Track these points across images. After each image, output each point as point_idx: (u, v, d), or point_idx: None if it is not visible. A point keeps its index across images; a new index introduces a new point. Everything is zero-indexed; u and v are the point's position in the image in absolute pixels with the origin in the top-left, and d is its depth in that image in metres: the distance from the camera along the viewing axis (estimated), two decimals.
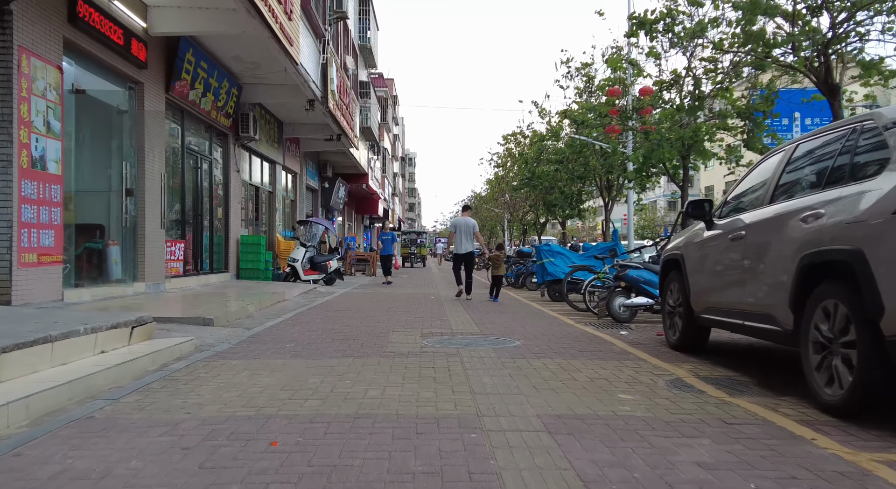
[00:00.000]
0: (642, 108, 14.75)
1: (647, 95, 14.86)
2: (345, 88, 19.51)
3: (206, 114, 13.35)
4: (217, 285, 13.50)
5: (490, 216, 45.70)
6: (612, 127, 17.98)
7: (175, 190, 12.51)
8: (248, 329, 7.38)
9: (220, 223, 15.14)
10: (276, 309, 9.85)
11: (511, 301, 12.69)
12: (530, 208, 29.79)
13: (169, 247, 11.87)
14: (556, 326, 8.18)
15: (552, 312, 10.16)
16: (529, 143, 23.58)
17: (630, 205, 18.33)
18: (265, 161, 18.69)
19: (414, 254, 38.77)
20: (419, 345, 6.29)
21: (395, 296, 13.56)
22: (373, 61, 31.83)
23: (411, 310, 10.29)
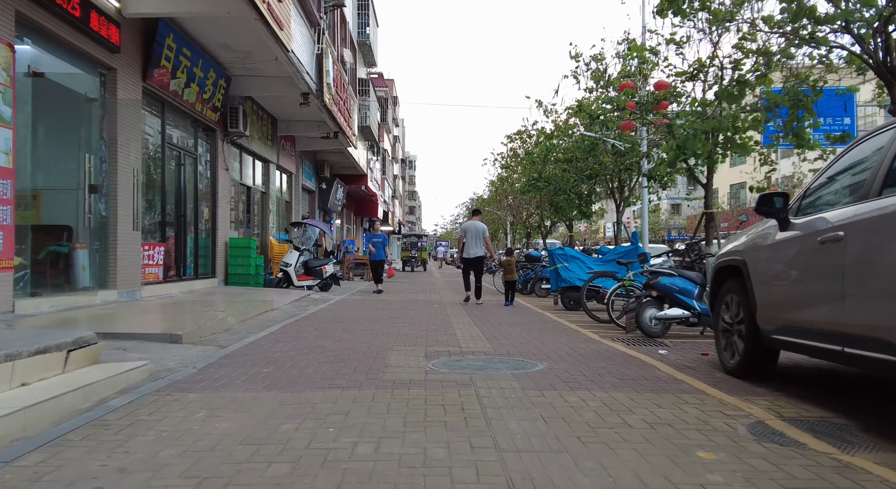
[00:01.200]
0: (658, 102, 13.73)
1: (663, 90, 13.84)
2: (342, 83, 18.46)
3: (190, 106, 12.29)
4: (201, 292, 12.42)
5: (493, 219, 44.62)
6: (626, 122, 16.95)
7: (154, 188, 11.44)
8: (222, 347, 6.30)
9: (207, 225, 14.07)
10: (262, 320, 8.76)
11: (522, 310, 11.61)
12: (535, 210, 28.74)
13: (146, 250, 10.79)
14: (580, 342, 7.09)
15: (571, 324, 9.07)
16: (535, 143, 22.52)
17: (644, 206, 17.25)
18: (258, 159, 17.63)
19: (414, 258, 37.63)
20: (423, 370, 5.21)
21: (396, 303, 12.48)
22: (372, 59, 30.81)
23: (413, 320, 9.21)
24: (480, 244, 12.58)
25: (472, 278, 12.86)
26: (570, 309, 11.51)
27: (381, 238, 16.57)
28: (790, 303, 4.38)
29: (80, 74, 8.99)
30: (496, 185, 32.20)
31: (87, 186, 8.63)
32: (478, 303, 12.53)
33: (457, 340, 7.09)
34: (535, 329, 8.40)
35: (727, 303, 5.28)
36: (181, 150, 12.47)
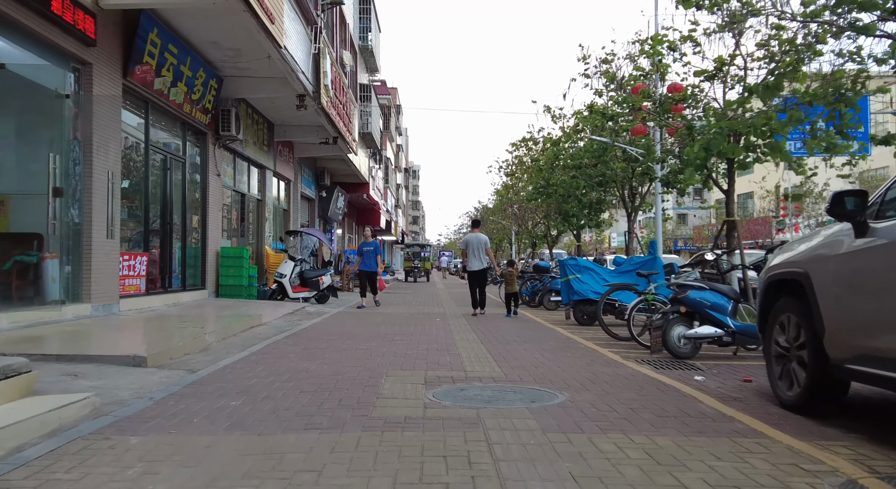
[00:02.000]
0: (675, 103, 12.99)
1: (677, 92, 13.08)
2: (341, 86, 17.74)
3: (177, 107, 11.54)
4: (187, 305, 11.62)
5: (497, 228, 43.79)
6: (638, 127, 16.18)
7: (137, 194, 10.67)
8: (191, 371, 5.49)
9: (196, 233, 13.29)
10: (245, 337, 7.95)
11: (531, 324, 10.77)
12: (542, 219, 27.89)
13: (126, 260, 10.01)
14: (601, 365, 6.26)
15: (587, 342, 8.24)
16: (542, 150, 21.74)
17: (658, 214, 16.43)
18: (253, 165, 16.88)
19: (417, 268, 36.78)
20: (422, 402, 4.40)
21: (396, 317, 11.67)
22: (374, 64, 30.15)
23: (413, 337, 8.39)
24: (483, 256, 12.67)
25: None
26: (584, 324, 10.68)
27: (372, 246, 14.68)
28: (870, 327, 3.56)
29: (49, 67, 8.24)
30: (501, 194, 31.38)
31: (51, 189, 7.82)
32: (481, 312, 12.60)
33: (461, 362, 6.26)
34: (548, 348, 7.56)
35: (783, 325, 4.45)
36: (167, 154, 11.72)
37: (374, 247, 14.64)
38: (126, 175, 10.20)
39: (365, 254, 14.56)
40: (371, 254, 14.49)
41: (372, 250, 14.55)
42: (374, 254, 14.53)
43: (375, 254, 14.56)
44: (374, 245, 14.75)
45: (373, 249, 14.57)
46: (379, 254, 14.77)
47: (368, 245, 14.73)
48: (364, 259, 14.55)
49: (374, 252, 14.53)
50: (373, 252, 14.51)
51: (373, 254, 14.48)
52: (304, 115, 16.73)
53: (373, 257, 14.47)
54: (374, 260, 14.50)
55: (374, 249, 14.61)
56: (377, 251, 14.70)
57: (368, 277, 14.62)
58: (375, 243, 14.91)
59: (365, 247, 14.69)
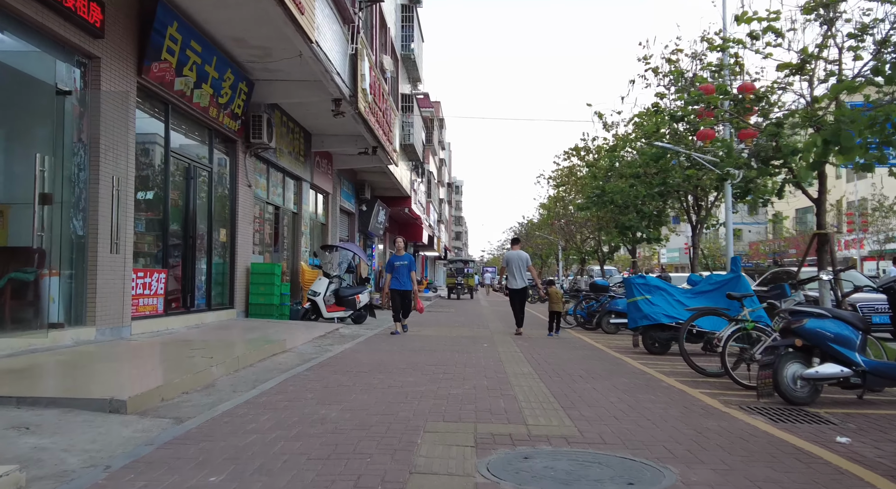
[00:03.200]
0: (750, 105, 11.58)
1: (750, 92, 11.62)
2: (381, 92, 16.73)
3: (202, 111, 10.63)
4: (211, 327, 10.61)
5: (543, 243, 42.26)
6: (706, 131, 14.69)
7: (154, 204, 9.73)
8: (178, 421, 4.34)
9: (224, 248, 12.33)
10: (262, 369, 6.81)
11: (593, 352, 9.38)
12: (593, 233, 26.37)
13: (141, 278, 9.04)
14: (701, 415, 4.89)
15: (667, 378, 6.85)
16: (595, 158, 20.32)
17: (729, 228, 14.82)
18: (288, 176, 15.97)
19: (461, 285, 35.47)
20: (472, 482, 3.13)
21: (437, 341, 10.42)
22: (417, 74, 29.25)
23: (457, 369, 7.12)
24: (524, 273, 12.34)
25: None
26: (655, 352, 9.25)
27: (405, 259, 12.02)
28: None
29: (51, 61, 7.33)
30: (548, 207, 29.95)
31: (37, 196, 6.84)
32: (519, 332, 12.21)
33: (520, 409, 4.97)
34: (623, 386, 6.20)
35: None
36: (191, 162, 10.79)
37: (407, 261, 12.01)
38: (142, 184, 9.27)
39: (397, 269, 11.92)
40: (404, 270, 11.91)
41: (405, 265, 11.95)
42: (408, 269, 11.94)
43: (409, 270, 11.94)
44: (407, 258, 12.08)
45: (406, 264, 11.96)
46: (413, 269, 12.09)
47: (400, 258, 12.06)
48: (396, 275, 11.88)
49: (407, 267, 11.95)
50: (406, 267, 11.94)
51: (406, 270, 11.91)
52: (342, 123, 15.77)
53: (406, 273, 11.90)
54: (408, 276, 11.91)
55: (409, 264, 12.00)
56: (411, 266, 12.06)
57: (401, 297, 11.89)
58: (409, 256, 12.29)
59: (396, 261, 12.03)
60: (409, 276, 11.94)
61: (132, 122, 8.56)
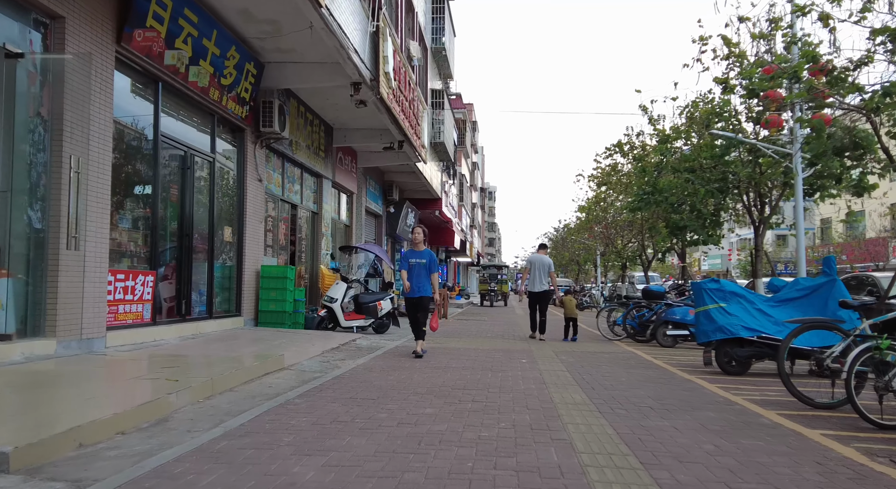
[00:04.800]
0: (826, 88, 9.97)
1: (822, 75, 9.95)
2: (406, 80, 15.35)
3: (201, 92, 9.36)
4: (211, 337, 9.29)
5: (581, 248, 40.40)
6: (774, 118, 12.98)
7: (139, 196, 8.45)
8: (76, 487, 2.93)
9: (230, 248, 11.04)
10: (243, 395, 5.40)
11: (657, 372, 7.77)
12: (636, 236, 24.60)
13: (121, 280, 7.75)
14: (851, 480, 3.31)
15: (764, 410, 5.25)
16: (641, 153, 18.60)
17: (800, 227, 13.02)
18: (307, 173, 14.68)
19: (494, 292, 33.82)
20: None
21: (466, 355, 8.93)
22: (448, 70, 27.84)
23: (490, 397, 5.63)
24: (545, 278, 12.39)
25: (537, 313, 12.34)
26: (732, 373, 7.61)
27: (424, 257, 9.17)
28: None
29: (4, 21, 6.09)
30: (588, 208, 28.22)
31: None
32: (541, 339, 12.13)
33: (581, 467, 3.45)
34: (714, 425, 4.63)
35: None
36: (188, 150, 9.51)
37: (426, 260, 9.14)
38: (123, 172, 8.00)
39: (413, 268, 9.12)
40: (421, 271, 9.10)
41: (423, 264, 9.11)
42: (427, 269, 9.12)
43: (429, 270, 9.12)
44: (426, 255, 9.18)
45: (425, 262, 9.12)
46: (434, 271, 9.16)
47: (418, 255, 9.19)
48: (411, 277, 9.11)
49: (426, 267, 9.12)
50: (424, 267, 9.11)
51: (424, 271, 9.10)
52: (365, 115, 14.45)
53: (424, 275, 9.10)
54: (427, 278, 9.10)
55: (428, 262, 9.14)
56: (431, 265, 9.16)
57: (417, 308, 9.10)
58: (430, 253, 9.28)
59: (413, 258, 9.19)
60: (427, 279, 9.09)
61: (108, 97, 7.29)
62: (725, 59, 14.31)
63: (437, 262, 9.25)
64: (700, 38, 14.10)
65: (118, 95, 7.64)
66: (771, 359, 7.59)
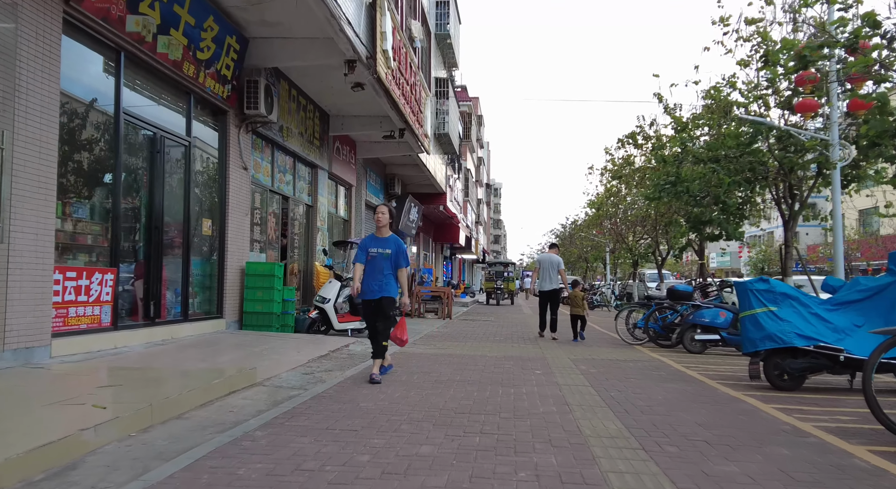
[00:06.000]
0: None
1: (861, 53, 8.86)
2: (407, 62, 14.24)
3: (174, 67, 8.28)
4: (185, 343, 8.21)
5: (591, 245, 39.22)
6: (807, 101, 11.88)
7: (96, 182, 7.37)
8: None
9: (210, 243, 9.97)
10: (192, 424, 4.31)
11: (695, 387, 6.65)
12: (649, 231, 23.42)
13: (72, 279, 6.68)
14: None
15: (849, 444, 4.15)
16: (656, 144, 17.43)
17: (838, 219, 11.88)
18: (301, 162, 13.61)
19: (500, 290, 32.66)
20: None
21: (471, 366, 7.83)
22: (453, 59, 26.73)
23: (503, 424, 4.54)
24: (555, 277, 12.24)
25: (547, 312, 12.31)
26: (783, 388, 6.50)
27: (389, 246, 6.74)
28: None
29: None
30: (599, 203, 27.05)
31: None
32: (553, 338, 12.05)
33: None
34: (796, 471, 3.52)
35: None
36: (158, 131, 8.42)
37: (392, 249, 6.70)
38: (76, 154, 6.93)
39: (373, 261, 6.66)
40: (383, 263, 6.66)
41: (387, 255, 6.67)
42: (392, 262, 6.71)
43: (394, 265, 6.72)
44: (392, 244, 6.72)
45: (389, 253, 6.69)
46: (403, 264, 6.78)
47: (381, 243, 6.73)
48: (367, 271, 6.67)
49: (391, 259, 6.70)
50: (389, 259, 6.69)
51: (388, 265, 6.68)
52: (363, 101, 13.39)
53: (387, 269, 6.67)
54: (391, 274, 6.70)
55: (394, 253, 6.71)
56: (398, 257, 6.74)
57: (376, 314, 6.66)
58: (397, 241, 6.77)
59: (373, 247, 6.71)
60: (391, 276, 6.67)
61: (54, 65, 6.21)
62: (747, 40, 13.20)
63: (405, 253, 6.80)
64: (721, 19, 13.00)
65: (69, 64, 6.58)
66: (831, 373, 6.48)
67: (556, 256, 12.45)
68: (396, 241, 6.80)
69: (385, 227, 6.83)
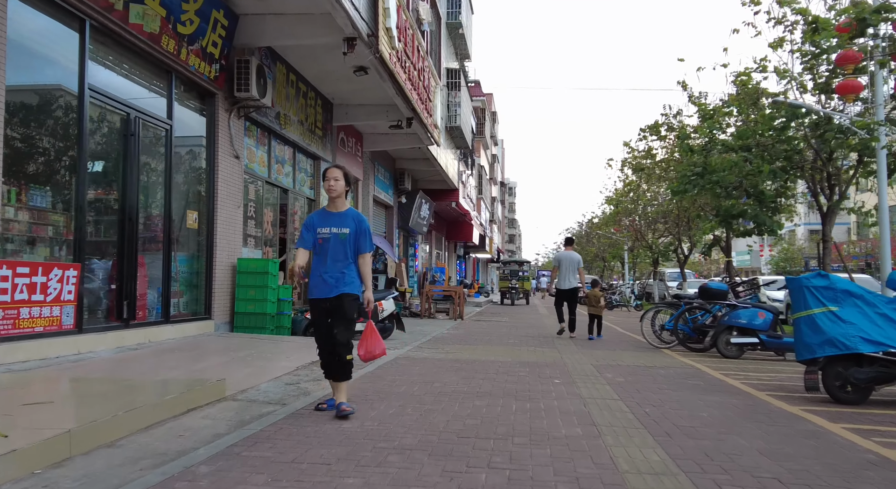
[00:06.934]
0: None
1: None
2: (414, 45, 13.35)
3: (151, 40, 7.44)
4: (161, 348, 7.37)
5: (608, 243, 38.13)
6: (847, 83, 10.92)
7: (56, 166, 6.54)
8: None
9: (196, 237, 9.14)
10: (125, 455, 3.43)
11: (742, 400, 5.69)
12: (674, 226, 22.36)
13: (24, 275, 5.86)
14: None
15: None
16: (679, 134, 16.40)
17: (884, 209, 10.80)
18: (301, 153, 12.78)
19: (515, 289, 31.61)
20: None
21: (482, 374, 6.91)
22: (465, 50, 25.82)
23: (516, 454, 3.64)
24: (574, 275, 12.02)
25: (565, 310, 12.25)
26: (846, 401, 5.52)
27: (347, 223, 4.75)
28: None
29: None
30: (618, 199, 26.00)
31: None
32: (571, 336, 12.01)
33: None
34: None
35: None
36: (132, 111, 7.58)
37: (351, 228, 4.74)
38: (29, 134, 6.10)
39: (326, 245, 4.71)
40: (340, 249, 4.71)
41: (344, 235, 4.72)
42: (351, 246, 4.75)
43: (354, 249, 4.77)
44: (351, 221, 4.79)
45: (347, 233, 4.72)
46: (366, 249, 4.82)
47: (336, 220, 4.77)
48: (318, 259, 4.78)
49: (349, 241, 4.73)
50: (346, 241, 4.72)
51: (346, 249, 4.73)
52: (368, 87, 12.52)
53: (343, 255, 4.73)
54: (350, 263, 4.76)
55: (353, 233, 4.75)
56: (359, 238, 4.78)
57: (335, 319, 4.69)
58: (357, 217, 4.86)
59: (325, 227, 4.75)
60: (352, 263, 4.77)
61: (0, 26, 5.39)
62: (780, 22, 12.19)
63: (369, 233, 4.83)
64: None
65: (19, 32, 5.76)
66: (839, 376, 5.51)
67: (576, 254, 12.34)
68: (356, 217, 4.83)
69: (340, 198, 4.83)
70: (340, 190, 4.85)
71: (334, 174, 4.89)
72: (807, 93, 12.24)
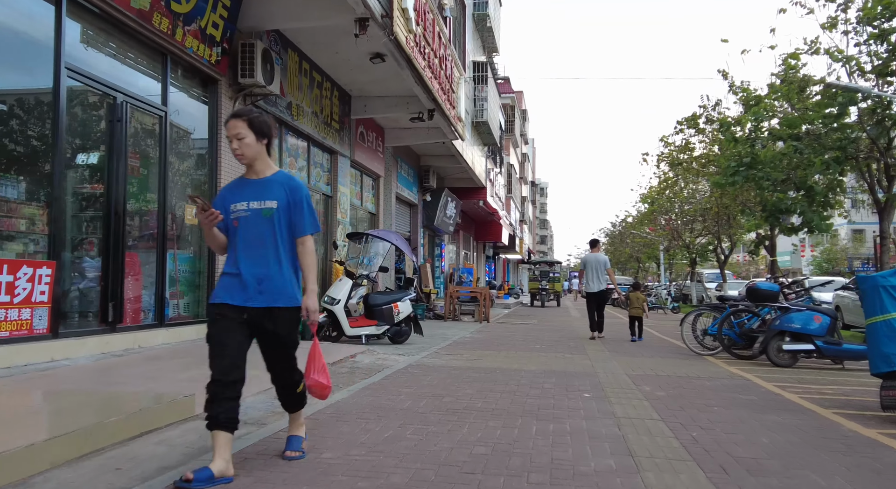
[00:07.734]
0: None
1: None
2: (435, 31, 12.61)
3: (141, 19, 6.82)
4: (149, 354, 6.74)
5: (643, 243, 36.89)
6: None
7: (30, 155, 5.93)
8: None
9: (197, 235, 8.52)
10: None
11: (810, 422, 4.79)
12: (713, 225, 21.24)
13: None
14: None
15: None
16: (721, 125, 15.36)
17: None
18: (316, 146, 12.13)
19: (546, 291, 30.61)
20: None
21: (502, 385, 6.11)
22: (493, 43, 24.99)
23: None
24: (602, 277, 11.85)
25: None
26: None
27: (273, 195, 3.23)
28: None
29: None
30: (652, 197, 24.90)
31: None
32: (600, 337, 11.89)
33: None
34: None
35: None
36: (119, 94, 6.96)
37: (278, 199, 3.23)
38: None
39: (243, 227, 3.22)
40: (266, 227, 3.21)
41: (269, 212, 3.21)
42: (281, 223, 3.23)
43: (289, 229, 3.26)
44: (281, 192, 3.25)
45: (273, 208, 3.22)
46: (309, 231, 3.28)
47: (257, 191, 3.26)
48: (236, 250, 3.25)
49: (275, 217, 3.22)
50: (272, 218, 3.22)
51: (274, 227, 3.22)
52: (386, 77, 11.83)
53: (274, 238, 3.22)
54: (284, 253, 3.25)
55: (283, 206, 3.24)
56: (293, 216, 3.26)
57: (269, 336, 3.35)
58: (291, 184, 3.30)
59: (241, 202, 3.25)
60: (284, 253, 3.25)
61: None
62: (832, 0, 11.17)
63: (310, 206, 3.31)
64: None
65: None
66: None
67: (603, 255, 12.19)
68: (288, 184, 3.30)
69: (260, 160, 3.30)
70: (251, 152, 3.21)
71: (235, 130, 3.19)
72: (864, 75, 11.18)
